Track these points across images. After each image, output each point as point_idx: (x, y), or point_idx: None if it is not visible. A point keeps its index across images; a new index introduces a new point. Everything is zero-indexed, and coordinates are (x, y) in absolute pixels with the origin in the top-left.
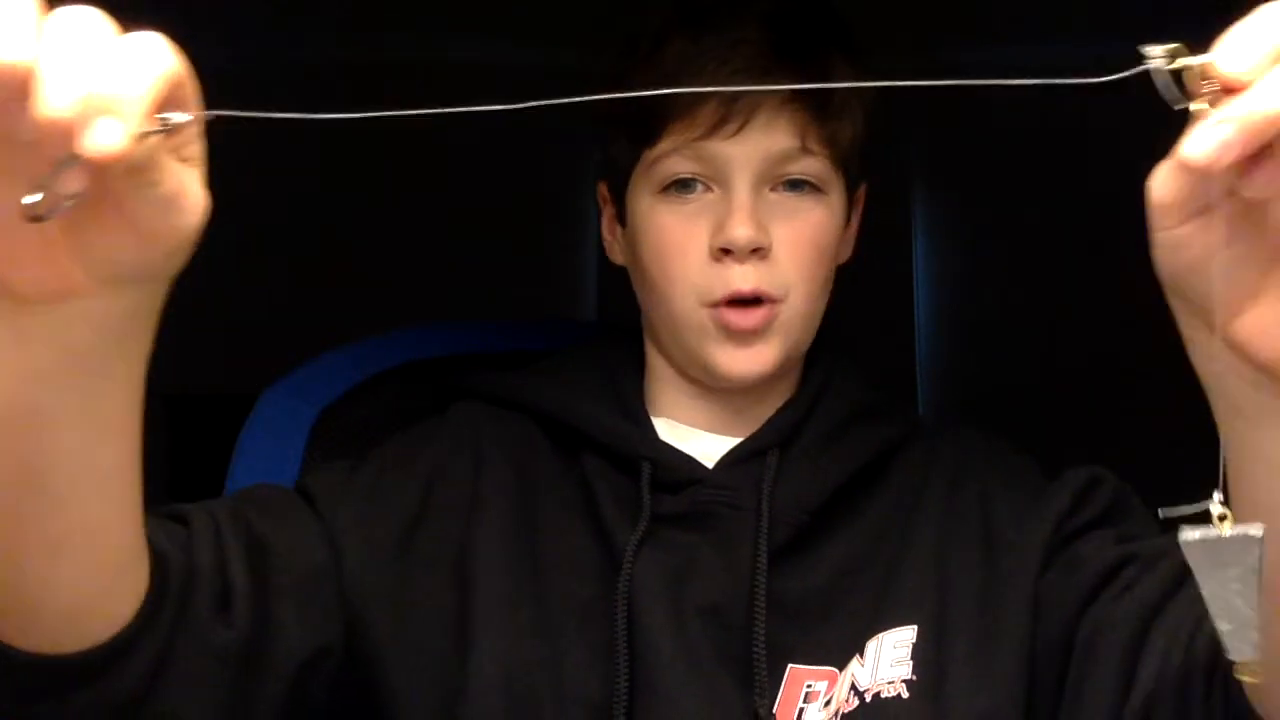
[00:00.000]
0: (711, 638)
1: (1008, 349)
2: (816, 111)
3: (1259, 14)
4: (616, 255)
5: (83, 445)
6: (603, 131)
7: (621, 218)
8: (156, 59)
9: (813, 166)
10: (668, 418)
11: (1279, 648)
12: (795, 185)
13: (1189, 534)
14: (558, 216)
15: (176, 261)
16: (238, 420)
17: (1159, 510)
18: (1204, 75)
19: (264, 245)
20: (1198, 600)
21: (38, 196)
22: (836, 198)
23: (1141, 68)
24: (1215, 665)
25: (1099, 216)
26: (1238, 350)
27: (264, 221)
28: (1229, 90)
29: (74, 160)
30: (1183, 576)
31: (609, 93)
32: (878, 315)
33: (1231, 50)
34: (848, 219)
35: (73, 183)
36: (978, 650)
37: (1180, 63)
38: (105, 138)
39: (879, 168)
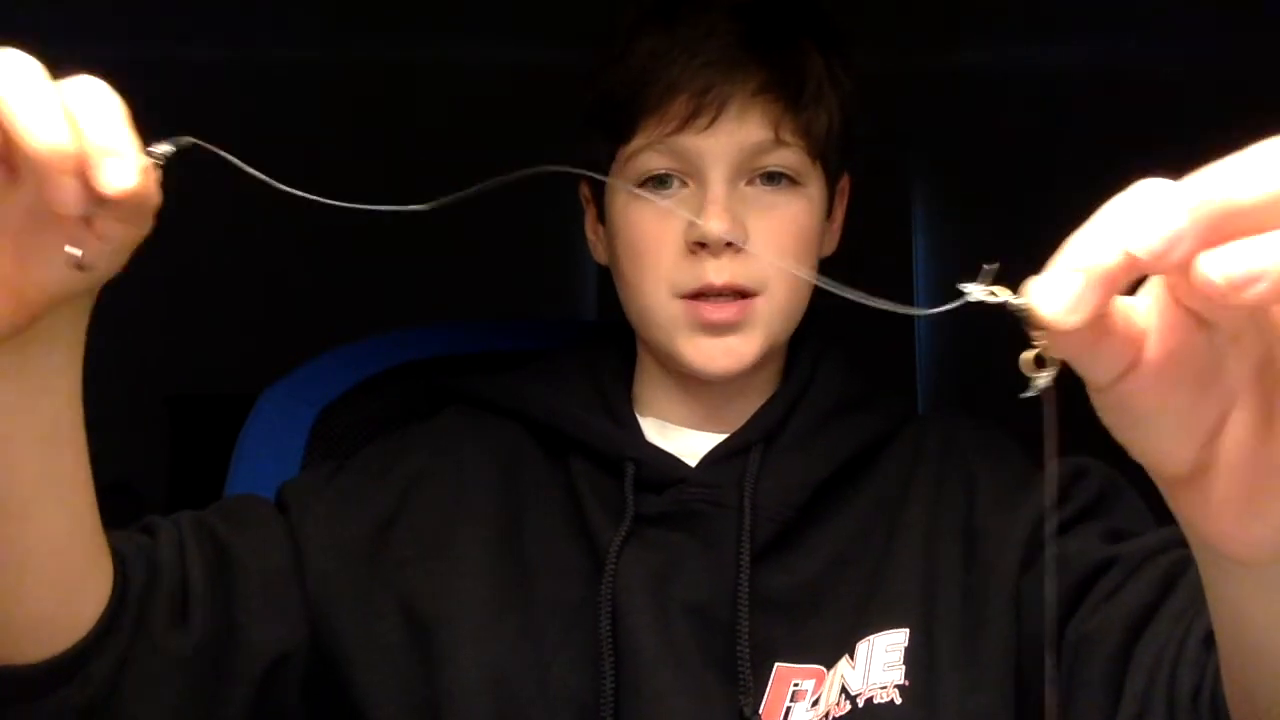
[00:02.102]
0: (697, 637)
1: (1008, 348)
2: (790, 102)
3: (1072, 244)
4: (600, 255)
5: (42, 461)
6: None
7: (603, 217)
8: (111, 97)
9: (788, 158)
10: (655, 416)
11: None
12: (771, 178)
13: None
14: (557, 216)
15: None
16: (238, 420)
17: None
18: (1028, 322)
19: (264, 246)
20: (1183, 614)
21: (77, 252)
22: (816, 190)
23: (960, 301)
24: (1200, 690)
25: None
26: (1186, 524)
27: (264, 223)
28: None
29: (91, 205)
30: (1169, 582)
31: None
32: (878, 315)
33: (1047, 290)
34: (829, 211)
35: (111, 226)
36: (964, 647)
37: (994, 298)
38: (120, 177)
39: (879, 168)
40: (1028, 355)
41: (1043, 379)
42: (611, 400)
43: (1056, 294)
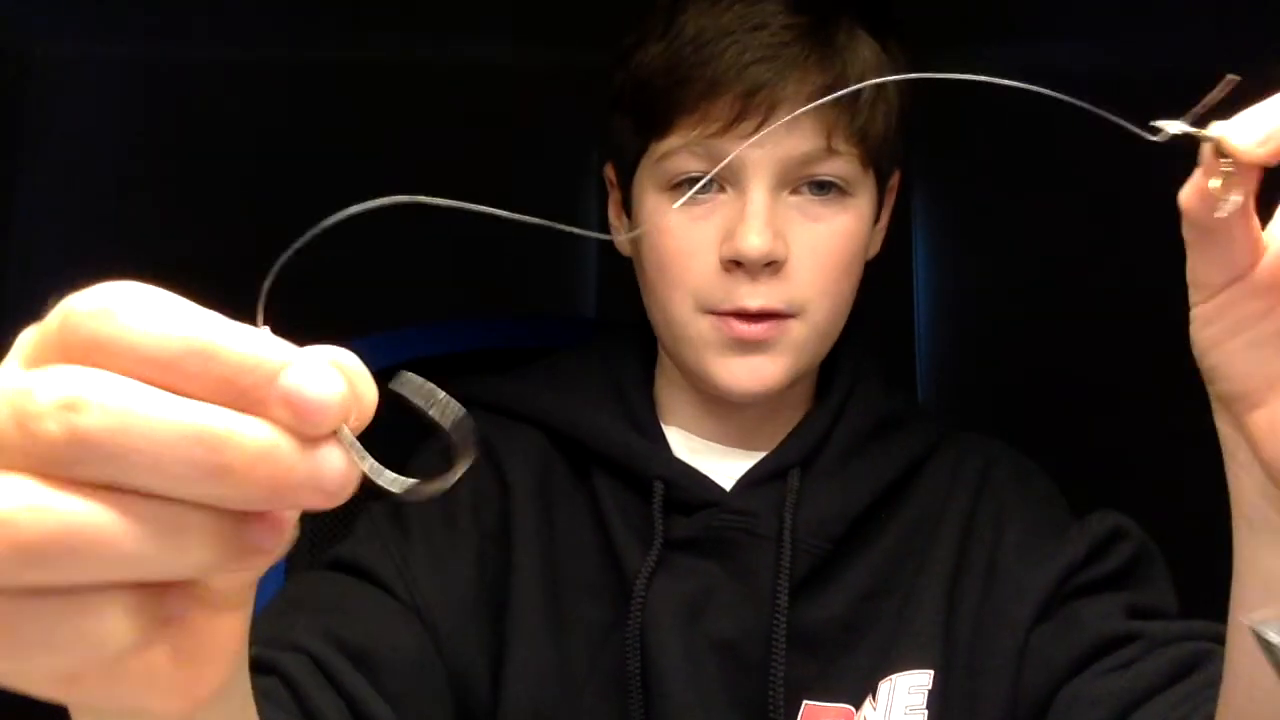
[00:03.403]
0: (726, 674)
1: (1008, 348)
2: (846, 105)
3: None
4: (623, 245)
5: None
6: (607, 114)
7: (628, 206)
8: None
9: (839, 168)
10: (681, 429)
11: None
12: (820, 187)
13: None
14: (557, 214)
15: None
16: None
17: (1248, 623)
18: (1218, 152)
19: (263, 245)
20: (1185, 701)
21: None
22: (865, 200)
23: (1165, 136)
24: None
25: (1099, 216)
26: (1252, 446)
27: (263, 222)
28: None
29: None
30: (1183, 670)
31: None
32: (878, 315)
33: (1245, 126)
34: (877, 217)
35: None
36: (968, 689)
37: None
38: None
39: None
40: (1215, 182)
41: (1229, 202)
42: (637, 412)
43: (1248, 129)
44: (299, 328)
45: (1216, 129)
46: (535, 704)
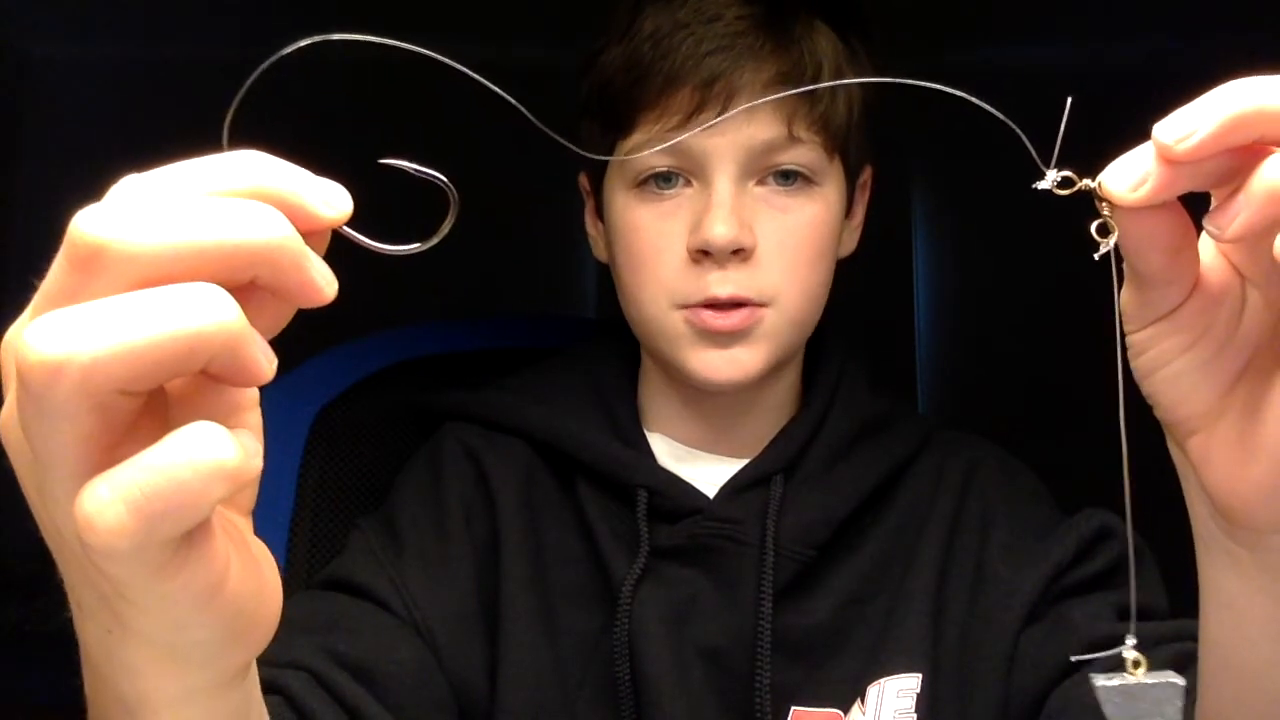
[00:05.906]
0: (713, 681)
1: (1008, 348)
2: (805, 94)
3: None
4: (600, 251)
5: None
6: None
7: (601, 212)
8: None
9: (803, 156)
10: (663, 433)
11: None
12: (785, 176)
13: (1103, 680)
14: (557, 213)
15: None
16: None
17: (1071, 658)
18: (1097, 196)
19: None
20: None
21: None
22: (833, 189)
23: (1038, 185)
24: None
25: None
26: (1193, 470)
27: None
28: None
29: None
30: (1176, 670)
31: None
32: (878, 315)
33: (1119, 171)
34: (848, 209)
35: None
36: (958, 692)
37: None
38: (336, 200)
39: (879, 168)
40: (1095, 223)
41: (1106, 245)
42: (620, 419)
43: (1122, 174)
44: (300, 326)
45: (1101, 175)
46: (531, 711)
